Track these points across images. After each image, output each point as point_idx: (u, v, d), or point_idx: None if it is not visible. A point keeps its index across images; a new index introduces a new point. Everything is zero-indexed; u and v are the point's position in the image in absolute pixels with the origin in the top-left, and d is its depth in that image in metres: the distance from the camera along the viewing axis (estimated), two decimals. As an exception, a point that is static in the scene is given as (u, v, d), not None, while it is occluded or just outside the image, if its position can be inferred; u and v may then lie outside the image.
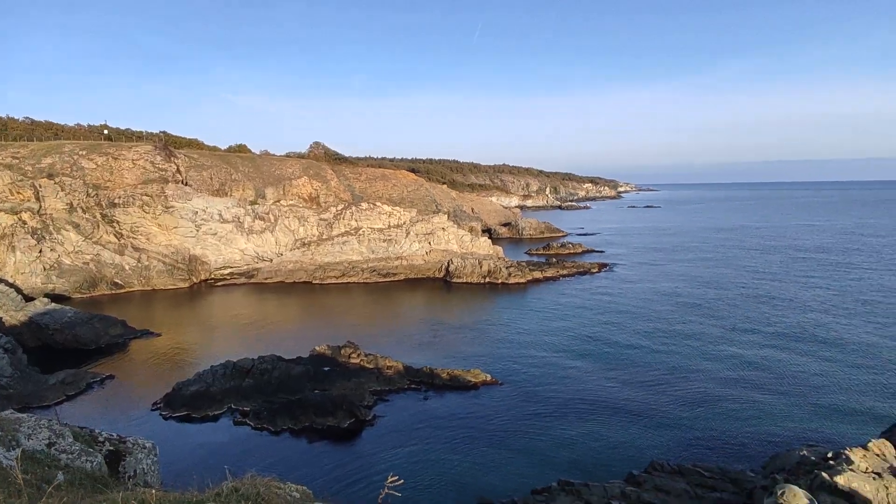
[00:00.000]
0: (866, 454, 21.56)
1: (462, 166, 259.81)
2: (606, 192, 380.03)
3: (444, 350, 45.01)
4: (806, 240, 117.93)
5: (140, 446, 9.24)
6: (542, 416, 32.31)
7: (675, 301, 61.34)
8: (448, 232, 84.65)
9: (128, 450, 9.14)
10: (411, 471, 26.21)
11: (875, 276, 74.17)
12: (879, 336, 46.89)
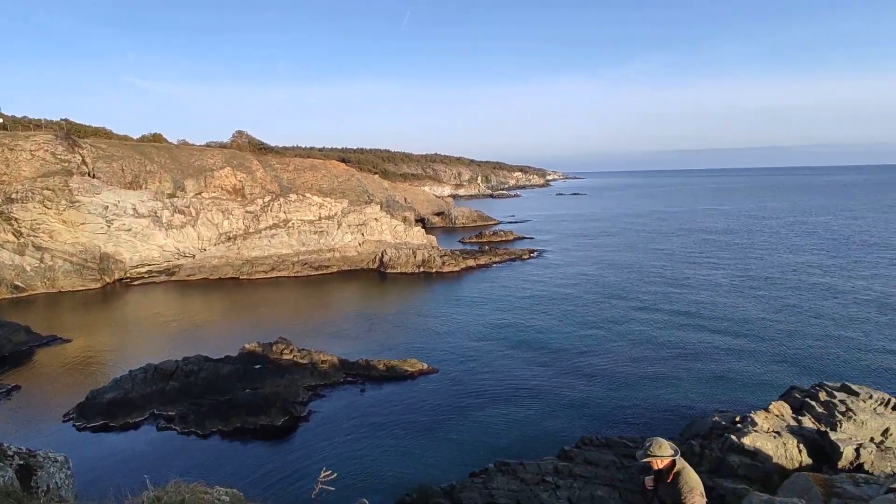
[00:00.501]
0: (768, 416, 23.78)
1: (394, 156, 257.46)
2: (536, 180, 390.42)
3: (380, 341, 44.78)
4: (714, 223, 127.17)
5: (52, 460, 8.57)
6: (479, 401, 33.01)
7: (599, 285, 64.35)
8: (381, 222, 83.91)
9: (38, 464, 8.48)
10: (349, 463, 26.01)
11: (775, 255, 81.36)
12: (778, 310, 51.59)
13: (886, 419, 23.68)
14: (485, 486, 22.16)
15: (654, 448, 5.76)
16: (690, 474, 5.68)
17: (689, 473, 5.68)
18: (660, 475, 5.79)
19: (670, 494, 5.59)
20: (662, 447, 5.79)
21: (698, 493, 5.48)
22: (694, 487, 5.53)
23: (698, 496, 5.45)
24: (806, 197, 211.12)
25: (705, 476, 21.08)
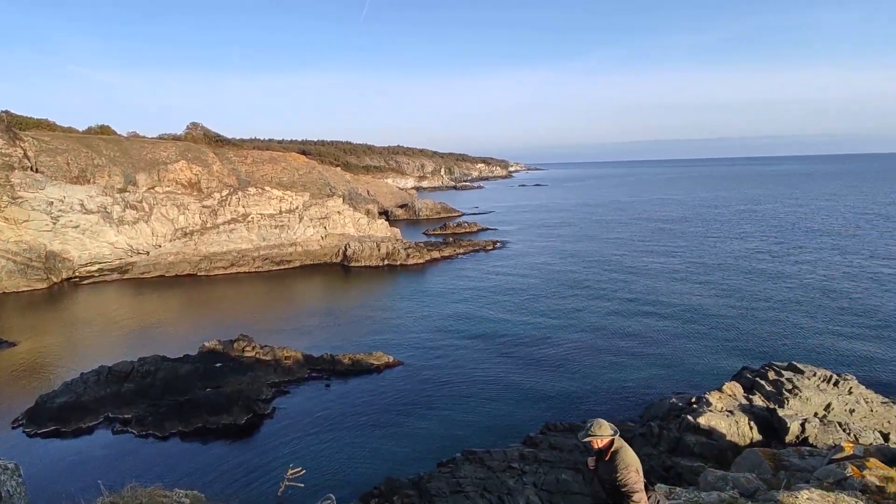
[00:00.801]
0: (721, 396, 24.84)
1: (356, 148, 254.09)
2: (498, 171, 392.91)
3: (345, 335, 44.40)
4: (669, 212, 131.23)
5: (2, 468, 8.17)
6: (445, 392, 33.22)
7: (561, 275, 65.55)
8: (344, 215, 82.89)
9: (-11, 472, 8.06)
10: (315, 459, 25.79)
11: (726, 242, 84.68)
12: (730, 295, 53.81)
13: (828, 395, 25.13)
14: (452, 475, 22.39)
15: (594, 428, 5.98)
16: (627, 452, 5.83)
17: (626, 452, 5.83)
18: (600, 454, 5.96)
19: (608, 472, 5.77)
20: (602, 427, 5.99)
21: (633, 469, 5.63)
22: (629, 464, 5.68)
23: (633, 472, 5.60)
24: (754, 186, 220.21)
25: (664, 455, 21.93)
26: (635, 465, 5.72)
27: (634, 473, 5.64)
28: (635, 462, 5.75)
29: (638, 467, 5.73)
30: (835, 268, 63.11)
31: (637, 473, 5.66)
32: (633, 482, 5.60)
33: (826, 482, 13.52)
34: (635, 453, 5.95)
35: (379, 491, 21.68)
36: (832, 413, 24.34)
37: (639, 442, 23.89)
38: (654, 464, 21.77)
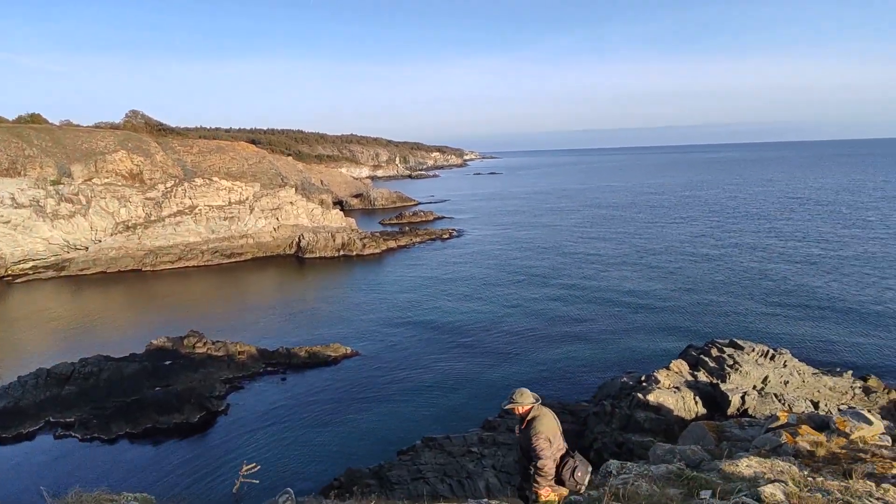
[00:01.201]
0: (669, 373, 25.97)
1: (308, 136, 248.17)
2: (453, 160, 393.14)
3: (301, 328, 43.68)
4: (618, 199, 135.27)
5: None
6: (404, 381, 33.29)
7: (515, 263, 66.61)
8: (297, 206, 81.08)
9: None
10: (273, 453, 25.40)
11: (672, 227, 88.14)
12: (677, 278, 56.17)
13: (765, 368, 26.73)
14: (412, 462, 22.55)
15: (515, 396, 6.14)
16: (542, 421, 5.95)
17: (541, 420, 5.96)
18: (521, 422, 6.12)
19: (525, 438, 5.94)
20: (524, 395, 6.13)
21: (543, 437, 5.77)
22: (540, 432, 5.82)
23: (542, 440, 5.75)
24: (697, 173, 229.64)
25: (616, 433, 22.80)
26: (546, 433, 5.84)
27: (543, 440, 5.77)
28: (548, 430, 5.87)
29: (550, 436, 5.85)
30: (771, 250, 66.85)
31: (546, 441, 5.78)
32: (540, 449, 5.73)
33: (763, 450, 14.43)
34: (555, 422, 6.07)
35: (339, 482, 21.59)
36: (769, 385, 25.93)
37: (593, 421, 24.76)
38: (607, 441, 22.63)
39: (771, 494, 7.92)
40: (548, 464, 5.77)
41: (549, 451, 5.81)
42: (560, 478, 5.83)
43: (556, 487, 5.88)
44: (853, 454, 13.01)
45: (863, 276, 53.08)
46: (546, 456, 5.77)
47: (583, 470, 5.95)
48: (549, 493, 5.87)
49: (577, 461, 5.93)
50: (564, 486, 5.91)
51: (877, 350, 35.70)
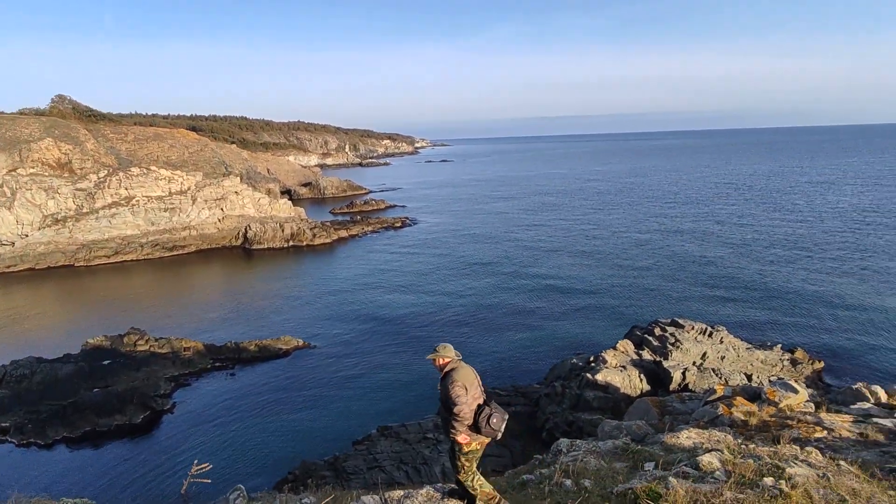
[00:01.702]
0: (615, 353, 26.96)
1: (252, 123, 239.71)
2: (405, 147, 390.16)
3: (250, 321, 42.51)
4: (567, 185, 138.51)
5: None
6: (357, 372, 33.08)
7: (468, 251, 67.16)
8: (243, 195, 78.39)
9: None
10: (223, 451, 24.74)
11: (618, 212, 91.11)
12: (621, 262, 58.24)
13: (704, 345, 28.24)
14: (368, 452, 22.52)
15: (437, 349, 6.26)
16: (460, 371, 6.11)
17: (459, 371, 6.11)
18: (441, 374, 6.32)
19: (443, 388, 6.11)
20: (446, 349, 6.27)
21: (458, 384, 5.94)
22: (456, 380, 5.97)
23: (458, 387, 5.91)
24: (642, 160, 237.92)
25: (567, 412, 23.53)
26: (462, 381, 5.99)
27: (459, 388, 5.92)
28: (463, 379, 6.03)
29: (467, 384, 6.00)
30: (708, 233, 70.33)
31: (461, 388, 5.94)
32: (455, 396, 5.90)
33: (702, 421, 15.29)
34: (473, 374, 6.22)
35: (293, 476, 21.31)
36: (707, 361, 27.43)
37: (544, 402, 25.46)
38: (558, 420, 23.35)
39: (708, 463, 8.41)
40: (464, 409, 5.95)
41: (465, 398, 5.99)
42: (477, 425, 6.01)
43: (474, 435, 6.06)
44: (781, 421, 13.99)
45: (792, 257, 56.74)
46: (462, 402, 5.95)
47: (498, 417, 6.09)
48: (469, 441, 6.05)
49: (492, 409, 6.14)
50: (481, 434, 6.08)
51: (803, 324, 38.38)
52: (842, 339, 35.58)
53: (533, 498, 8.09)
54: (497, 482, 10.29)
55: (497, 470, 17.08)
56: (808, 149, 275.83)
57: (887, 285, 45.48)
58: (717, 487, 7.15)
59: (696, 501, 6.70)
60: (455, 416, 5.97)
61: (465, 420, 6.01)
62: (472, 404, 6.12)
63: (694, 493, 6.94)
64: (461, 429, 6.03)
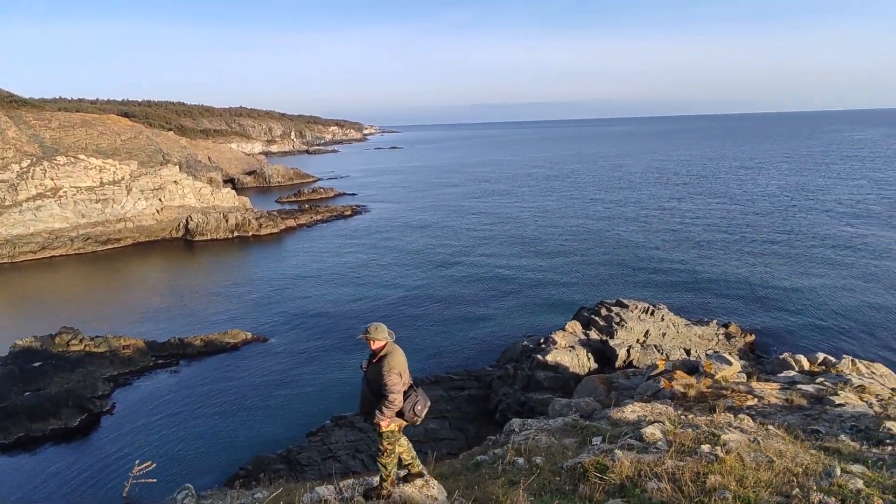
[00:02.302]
0: (564, 334, 27.74)
1: (191, 109, 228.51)
2: (353, 134, 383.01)
3: (195, 316, 40.93)
4: (514, 171, 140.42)
5: None
6: (310, 363, 32.57)
7: (420, 237, 67.12)
8: (182, 185, 74.89)
9: None
10: (171, 450, 23.86)
11: (565, 197, 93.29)
12: (568, 244, 59.82)
13: (647, 323, 29.51)
14: (322, 442, 22.32)
15: (370, 330, 6.24)
16: (395, 356, 6.17)
17: (393, 356, 6.16)
18: (372, 357, 6.32)
19: (375, 373, 6.12)
20: (378, 330, 6.24)
21: (395, 372, 6.01)
22: (393, 367, 6.04)
23: (395, 375, 5.99)
24: (588, 146, 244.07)
25: (519, 393, 24.09)
26: (398, 368, 6.07)
27: (395, 375, 5.99)
28: (399, 366, 6.10)
29: (401, 371, 6.09)
30: (650, 217, 73.21)
31: (398, 376, 6.02)
32: (392, 383, 5.95)
33: (645, 395, 16.03)
34: (405, 358, 6.32)
35: (245, 471, 20.85)
36: (650, 338, 28.70)
37: (497, 384, 25.95)
38: (511, 402, 23.88)
39: (651, 434, 8.83)
40: (398, 397, 5.99)
41: (400, 386, 6.04)
42: (401, 411, 6.10)
43: (396, 419, 6.13)
44: (717, 392, 14.87)
45: (726, 239, 59.94)
46: (398, 390, 5.99)
47: (423, 404, 6.23)
48: (390, 424, 6.11)
49: (418, 395, 6.24)
50: (404, 418, 6.16)
51: (736, 301, 40.74)
52: (771, 313, 38.06)
53: (487, 478, 8.26)
54: (452, 464, 10.45)
55: (452, 453, 17.33)
56: (744, 135, 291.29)
57: (811, 264, 48.93)
58: (660, 456, 7.52)
59: (640, 471, 7.04)
60: (389, 403, 5.94)
61: (395, 408, 6.01)
62: (402, 390, 6.14)
63: (638, 463, 7.28)
64: (389, 415, 6.02)
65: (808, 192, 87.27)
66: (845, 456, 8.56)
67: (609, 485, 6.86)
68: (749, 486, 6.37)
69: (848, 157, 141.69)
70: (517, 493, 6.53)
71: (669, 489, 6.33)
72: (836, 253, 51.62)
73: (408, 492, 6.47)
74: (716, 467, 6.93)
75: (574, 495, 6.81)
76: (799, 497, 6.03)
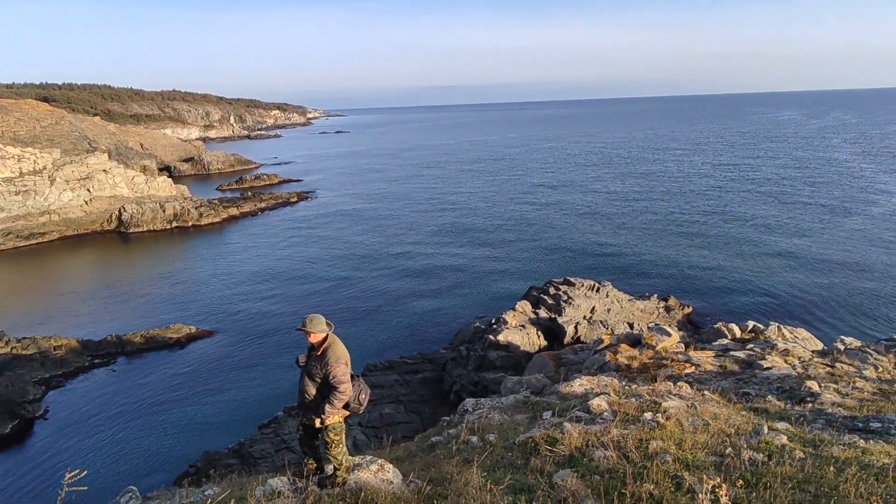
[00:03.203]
0: (515, 314, 28.30)
1: (119, 93, 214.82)
2: (296, 118, 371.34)
3: (134, 312, 38.95)
4: (467, 154, 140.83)
5: None
6: (260, 354, 31.80)
7: (368, 223, 66.38)
8: (113, 174, 70.54)
9: None
10: (112, 453, 22.81)
11: (518, 178, 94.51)
12: (518, 226, 60.85)
13: (593, 300, 30.55)
14: (275, 434, 21.95)
15: (307, 323, 6.09)
16: (338, 347, 6.08)
17: (336, 347, 6.07)
18: (312, 349, 6.22)
19: (319, 365, 6.00)
20: (315, 322, 6.08)
21: (342, 362, 5.93)
22: (339, 358, 5.95)
23: (342, 365, 5.90)
24: (529, 129, 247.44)
25: (473, 373, 24.48)
26: (344, 358, 5.99)
27: (343, 366, 5.92)
28: (345, 356, 6.02)
29: (347, 361, 6.01)
30: (594, 196, 75.43)
31: (346, 366, 5.95)
32: (342, 374, 5.88)
33: (592, 369, 16.65)
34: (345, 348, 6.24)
35: (195, 468, 20.24)
36: (596, 314, 29.75)
37: (451, 366, 26.26)
38: (465, 382, 24.24)
39: (598, 406, 9.19)
40: (349, 388, 5.92)
41: (348, 377, 5.97)
42: (347, 402, 6.06)
43: (340, 410, 6.08)
44: (658, 362, 15.63)
45: (665, 216, 62.67)
46: (347, 380, 5.92)
47: (366, 392, 6.24)
48: (334, 416, 6.05)
49: (362, 385, 6.21)
50: (349, 408, 6.13)
51: (675, 276, 42.82)
52: (707, 286, 40.28)
53: (442, 458, 8.37)
54: (407, 447, 10.52)
55: (408, 436, 17.45)
56: (677, 117, 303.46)
57: (742, 240, 52.01)
58: (605, 426, 7.85)
59: (588, 441, 7.33)
60: (339, 394, 5.86)
61: (346, 398, 5.93)
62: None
63: (585, 433, 7.58)
64: (339, 406, 5.94)
65: (739, 171, 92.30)
66: (772, 415, 9.24)
67: (559, 456, 7.11)
68: (687, 448, 6.77)
69: (773, 138, 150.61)
70: (471, 470, 6.65)
71: (615, 457, 6.63)
72: (764, 230, 55.08)
73: (363, 478, 6.46)
74: (657, 433, 7.31)
75: (526, 469, 7.02)
76: (731, 455, 6.46)
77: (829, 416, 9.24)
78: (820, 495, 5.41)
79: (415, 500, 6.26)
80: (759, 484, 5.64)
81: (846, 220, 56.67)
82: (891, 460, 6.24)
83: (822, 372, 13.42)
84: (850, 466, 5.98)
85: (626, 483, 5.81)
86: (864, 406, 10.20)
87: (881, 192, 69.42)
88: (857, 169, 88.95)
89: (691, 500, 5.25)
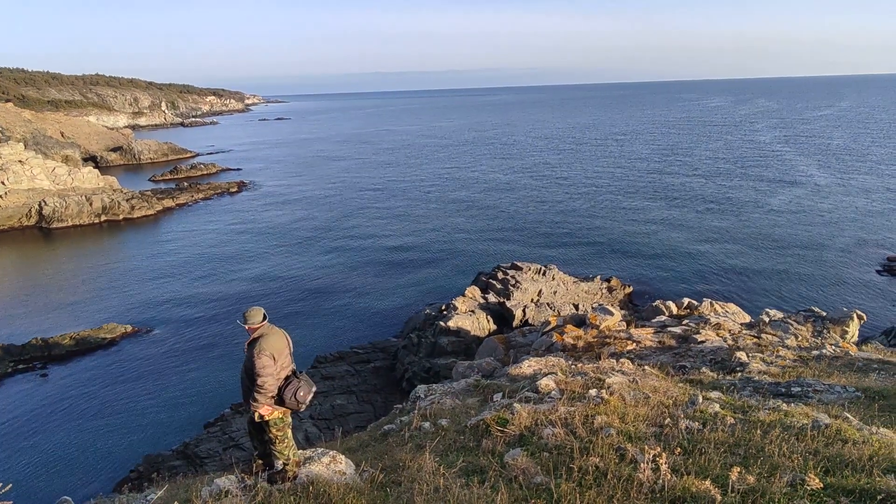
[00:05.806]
0: (465, 300, 28.58)
1: (34, 77, 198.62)
2: (234, 105, 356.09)
3: (62, 313, 36.45)
4: (413, 140, 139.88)
5: None
6: (201, 352, 30.62)
7: (310, 212, 64.93)
8: (30, 165, 65.34)
9: None
10: (42, 464, 21.42)
11: (464, 163, 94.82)
12: (464, 211, 61.23)
13: (540, 283, 31.29)
14: (223, 431, 21.30)
15: (245, 315, 6.04)
16: (268, 339, 5.94)
17: (267, 339, 5.94)
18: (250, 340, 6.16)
19: (248, 356, 5.91)
20: (251, 314, 6.02)
21: (266, 354, 5.80)
22: (263, 349, 5.81)
23: (264, 357, 5.77)
24: (477, 115, 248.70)
25: (424, 360, 24.59)
26: (269, 350, 5.84)
27: (266, 358, 5.77)
28: (271, 348, 5.87)
29: (274, 353, 5.86)
30: (543, 180, 76.91)
31: (269, 358, 5.80)
32: (261, 366, 5.74)
33: (540, 350, 17.10)
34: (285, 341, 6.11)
35: (136, 473, 19.36)
36: (543, 297, 30.50)
37: (402, 353, 26.27)
38: (416, 369, 24.33)
39: (546, 385, 9.45)
40: (269, 381, 5.76)
41: (272, 369, 5.80)
42: (281, 398, 5.89)
43: (276, 406, 5.92)
44: (602, 340, 16.23)
45: (607, 199, 64.79)
46: (267, 374, 5.75)
47: (306, 390, 6.02)
48: (271, 411, 5.91)
49: (301, 381, 6.01)
50: (285, 405, 5.96)
51: (617, 257, 44.50)
52: (646, 266, 42.11)
53: (394, 445, 8.39)
54: (360, 437, 10.46)
55: (360, 426, 17.37)
56: (617, 104, 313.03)
57: (678, 221, 54.61)
58: (553, 405, 8.10)
59: (537, 420, 7.54)
60: (259, 387, 5.71)
61: (268, 392, 5.78)
62: (280, 374, 5.91)
63: (535, 413, 7.79)
64: (263, 401, 5.79)
65: (676, 155, 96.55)
66: (706, 385, 9.82)
67: (509, 436, 7.28)
68: (630, 421, 7.09)
69: (705, 123, 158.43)
70: (424, 456, 6.70)
71: (563, 433, 6.86)
72: (698, 210, 58.02)
73: (315, 470, 6.38)
74: (601, 408, 7.61)
75: (478, 451, 7.14)
76: (670, 425, 6.83)
77: (756, 383, 9.92)
78: (749, 457, 5.81)
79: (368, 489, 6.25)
80: (695, 450, 5.99)
81: (771, 199, 60.59)
82: (809, 421, 6.78)
83: (749, 343, 14.37)
84: (774, 429, 6.46)
85: (574, 458, 6.03)
86: (786, 372, 11.03)
87: (801, 174, 74.62)
88: (780, 152, 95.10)
89: (634, 470, 5.51)
